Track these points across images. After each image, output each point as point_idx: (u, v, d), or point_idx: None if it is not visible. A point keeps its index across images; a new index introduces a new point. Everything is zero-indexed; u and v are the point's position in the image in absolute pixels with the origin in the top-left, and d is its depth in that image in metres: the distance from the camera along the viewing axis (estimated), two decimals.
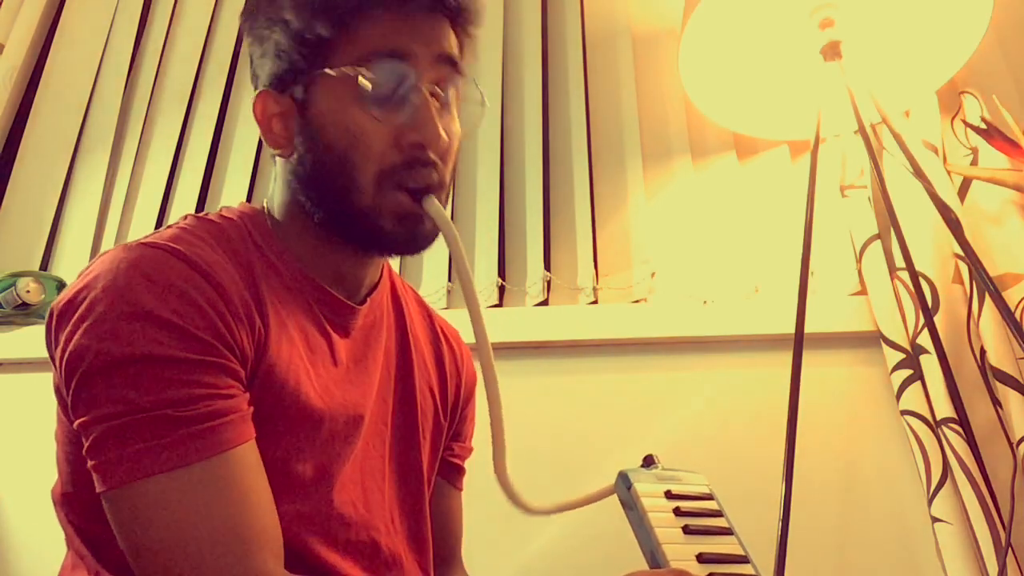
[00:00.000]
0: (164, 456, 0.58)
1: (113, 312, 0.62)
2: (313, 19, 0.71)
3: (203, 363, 0.62)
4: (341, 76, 0.70)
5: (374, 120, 0.71)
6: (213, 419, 0.61)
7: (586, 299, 1.52)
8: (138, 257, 0.65)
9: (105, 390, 0.60)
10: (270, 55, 0.74)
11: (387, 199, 0.72)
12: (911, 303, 1.34)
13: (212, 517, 0.58)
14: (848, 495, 1.33)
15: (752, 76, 1.50)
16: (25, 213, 1.71)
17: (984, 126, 1.39)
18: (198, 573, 0.57)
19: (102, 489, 0.60)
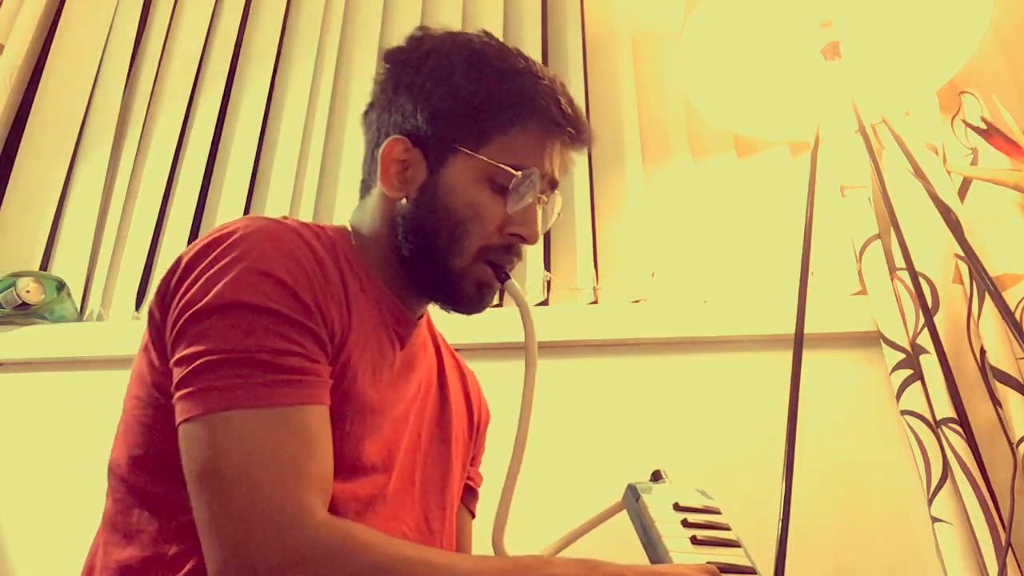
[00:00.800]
0: (253, 394, 0.66)
1: (236, 264, 0.71)
2: (480, 98, 0.84)
3: (302, 325, 0.70)
4: (488, 165, 0.84)
5: (496, 202, 0.84)
6: (299, 374, 0.68)
7: (586, 299, 1.52)
8: (267, 225, 0.75)
9: (214, 327, 0.68)
10: (423, 110, 0.85)
11: (477, 268, 0.85)
12: (911, 303, 1.34)
13: (278, 454, 0.65)
14: (848, 495, 1.32)
15: (752, 76, 1.50)
16: (25, 213, 1.71)
17: (984, 126, 1.39)
18: (253, 497, 0.63)
19: (187, 416, 0.66)
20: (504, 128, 0.85)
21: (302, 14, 1.87)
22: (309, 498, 0.64)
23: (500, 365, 1.13)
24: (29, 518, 1.42)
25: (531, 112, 0.85)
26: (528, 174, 0.84)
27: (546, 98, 0.86)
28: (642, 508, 0.80)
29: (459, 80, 0.85)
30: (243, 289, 0.69)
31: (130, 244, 1.67)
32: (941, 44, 1.42)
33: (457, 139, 0.84)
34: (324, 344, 0.72)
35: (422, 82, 0.86)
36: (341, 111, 1.77)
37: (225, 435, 0.65)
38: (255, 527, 0.62)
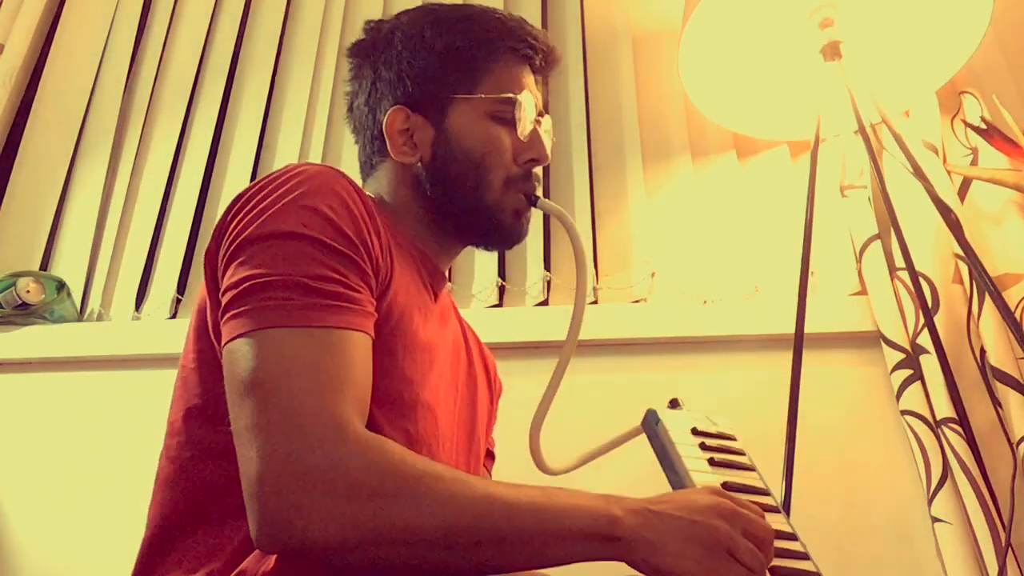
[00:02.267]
0: (294, 314, 0.68)
1: (284, 199, 0.74)
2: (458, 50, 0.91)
3: (343, 255, 0.73)
4: (485, 101, 0.90)
5: (506, 135, 0.91)
6: (338, 300, 0.71)
7: (586, 299, 1.52)
8: (319, 168, 0.79)
9: (261, 253, 0.71)
10: (409, 76, 0.92)
11: (509, 198, 0.90)
12: (911, 303, 1.34)
13: (318, 371, 0.67)
14: (848, 495, 1.32)
15: (752, 76, 1.50)
16: (25, 213, 1.71)
17: (984, 126, 1.39)
18: (292, 407, 0.64)
19: (232, 336, 0.69)
20: (488, 66, 0.92)
21: (302, 14, 1.87)
22: (347, 412, 0.66)
23: (500, 365, 1.13)
24: (30, 518, 1.42)
25: (505, 44, 0.93)
26: (527, 99, 0.91)
27: (514, 29, 0.94)
28: (661, 431, 0.82)
29: (431, 39, 0.92)
30: (289, 220, 0.73)
31: (130, 244, 1.67)
32: (941, 44, 1.42)
33: (450, 89, 0.91)
34: (367, 276, 0.75)
35: (398, 54, 0.93)
36: (341, 111, 1.76)
37: (267, 350, 0.67)
38: (293, 435, 0.63)
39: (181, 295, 1.63)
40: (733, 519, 0.68)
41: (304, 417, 0.64)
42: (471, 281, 1.56)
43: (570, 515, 0.66)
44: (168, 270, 1.64)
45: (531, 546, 0.66)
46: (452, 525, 0.64)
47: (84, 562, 1.39)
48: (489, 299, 1.53)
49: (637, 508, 0.68)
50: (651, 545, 0.66)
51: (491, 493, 0.66)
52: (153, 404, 1.48)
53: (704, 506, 0.69)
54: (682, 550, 0.66)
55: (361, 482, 0.63)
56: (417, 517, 0.63)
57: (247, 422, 0.65)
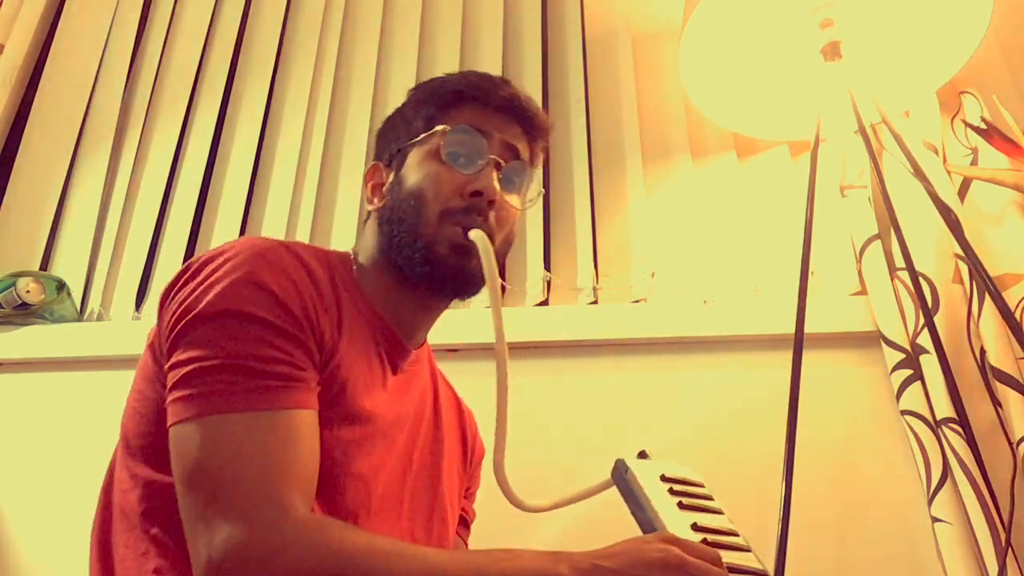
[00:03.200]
0: (239, 399, 0.69)
1: (230, 276, 0.75)
2: (420, 106, 0.94)
3: (289, 334, 0.74)
4: (428, 140, 0.91)
5: (448, 170, 0.89)
6: (285, 380, 0.72)
7: (586, 299, 1.52)
8: (261, 243, 0.80)
9: (207, 334, 0.72)
10: (388, 139, 0.97)
11: (445, 231, 0.87)
12: (911, 303, 1.34)
13: (262, 456, 0.68)
14: (848, 495, 1.32)
15: (752, 76, 1.50)
16: (25, 213, 1.71)
17: (984, 126, 1.39)
18: (236, 495, 0.66)
19: (178, 419, 0.70)
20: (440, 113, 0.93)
21: (302, 15, 1.87)
22: (290, 496, 0.67)
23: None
24: (30, 518, 1.42)
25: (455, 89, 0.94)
26: (461, 132, 0.90)
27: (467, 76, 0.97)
28: (631, 478, 0.84)
29: (403, 107, 0.98)
30: (235, 298, 0.73)
31: (130, 244, 1.67)
32: (941, 44, 1.42)
33: (406, 139, 0.94)
34: (312, 353, 0.76)
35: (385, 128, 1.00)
36: (341, 111, 1.77)
37: (213, 437, 0.68)
38: (236, 524, 0.65)
39: None
40: (680, 569, 0.69)
41: (247, 506, 0.66)
42: None
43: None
44: (168, 270, 1.64)
45: None
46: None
47: (84, 562, 1.39)
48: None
49: (584, 566, 0.69)
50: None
51: (433, 566, 0.68)
52: None
53: (651, 560, 0.69)
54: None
55: (303, 566, 0.65)
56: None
57: (193, 513, 0.67)
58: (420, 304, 0.93)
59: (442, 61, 1.77)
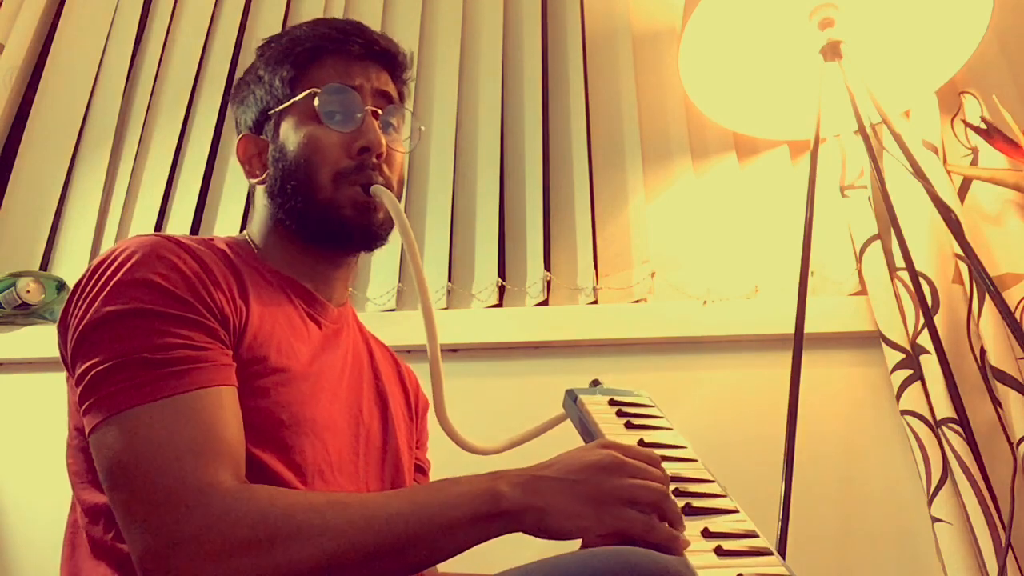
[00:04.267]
0: (140, 392, 0.69)
1: (112, 279, 0.74)
2: (278, 67, 0.91)
3: (180, 318, 0.73)
4: (300, 103, 0.89)
5: (328, 131, 0.88)
6: (184, 364, 0.71)
7: (586, 299, 1.52)
8: (136, 240, 0.78)
9: (98, 340, 0.72)
10: (248, 105, 0.94)
11: (343, 192, 0.87)
12: (911, 303, 1.34)
13: (176, 439, 0.68)
14: (848, 495, 1.32)
15: (752, 76, 1.50)
16: (25, 213, 1.71)
17: (984, 126, 1.39)
18: (156, 486, 0.66)
19: (90, 428, 0.70)
20: (303, 72, 0.91)
21: (302, 14, 1.87)
22: (211, 473, 0.67)
23: (500, 365, 1.12)
24: (29, 518, 1.42)
25: (311, 45, 0.91)
26: (333, 90, 0.89)
27: (317, 29, 0.93)
28: (580, 405, 0.85)
29: (255, 67, 0.95)
30: (119, 299, 0.73)
31: None
32: (941, 44, 1.42)
33: (273, 104, 0.91)
34: (214, 331, 0.75)
35: (244, 94, 0.96)
36: None
37: (121, 435, 0.68)
38: (161, 511, 0.65)
39: None
40: (619, 469, 0.69)
41: (168, 490, 0.66)
42: (471, 281, 1.56)
43: (454, 504, 0.68)
44: None
45: (423, 546, 0.67)
46: (335, 551, 0.65)
47: None
48: (489, 299, 1.53)
49: (521, 479, 0.69)
50: (540, 511, 0.67)
51: (369, 509, 0.68)
52: None
53: (589, 463, 0.70)
54: (573, 509, 0.67)
55: (234, 537, 0.64)
56: (299, 553, 0.64)
57: (122, 511, 0.67)
58: (329, 261, 0.93)
59: (442, 61, 1.77)
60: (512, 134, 1.70)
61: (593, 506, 0.67)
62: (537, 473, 0.70)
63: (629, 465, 0.70)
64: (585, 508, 0.67)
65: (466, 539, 0.68)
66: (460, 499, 0.68)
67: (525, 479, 0.69)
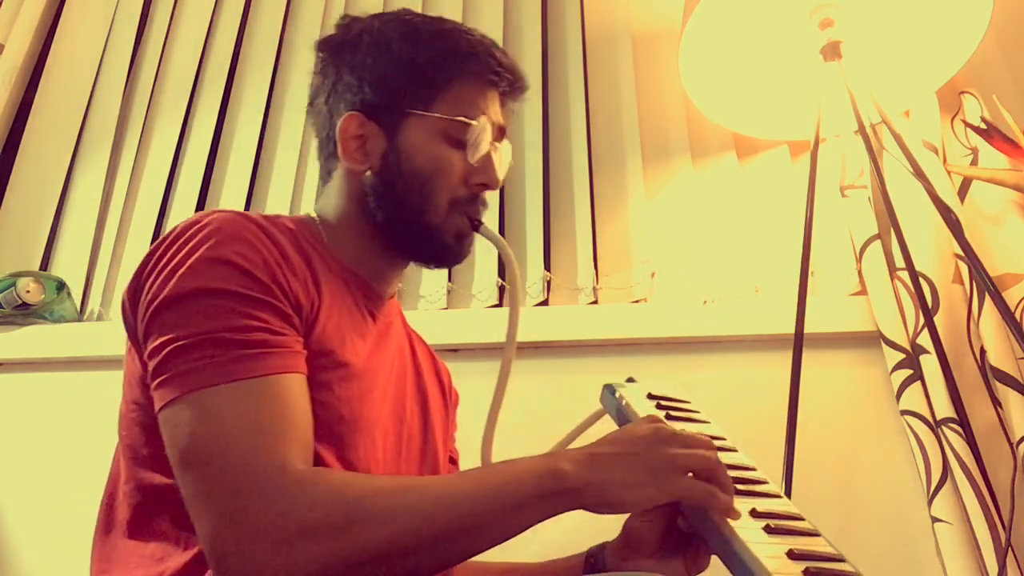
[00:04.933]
0: (218, 371, 0.68)
1: (193, 254, 0.74)
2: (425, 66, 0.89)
3: (260, 301, 0.73)
4: (440, 121, 0.88)
5: (457, 157, 0.89)
6: (262, 347, 0.71)
7: (586, 299, 1.52)
8: (222, 215, 0.78)
9: (178, 315, 0.71)
10: (369, 83, 0.90)
11: (452, 220, 0.89)
12: (911, 303, 1.34)
13: (250, 424, 0.67)
14: (848, 495, 1.32)
15: (752, 76, 1.50)
16: (25, 213, 1.71)
17: (984, 126, 1.39)
18: (231, 466, 0.66)
19: (163, 403, 0.69)
20: (447, 84, 0.89)
21: (302, 14, 1.87)
22: (284, 456, 0.67)
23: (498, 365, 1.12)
24: (29, 518, 1.42)
25: (468, 65, 0.91)
26: (483, 123, 0.89)
27: (480, 51, 0.92)
28: (619, 399, 0.86)
29: (397, 48, 0.90)
30: (200, 277, 0.72)
31: (130, 244, 1.67)
32: (941, 44, 1.42)
33: (407, 103, 0.89)
34: (289, 317, 0.75)
35: (363, 58, 0.91)
36: None
37: (197, 414, 0.68)
38: (235, 494, 0.65)
39: None
40: (669, 440, 0.72)
41: (243, 474, 0.65)
42: (471, 281, 1.56)
43: (519, 483, 0.69)
44: None
45: (489, 526, 0.68)
46: (407, 534, 0.66)
47: (83, 562, 1.39)
48: (489, 299, 1.53)
49: (580, 457, 0.71)
50: (602, 486, 0.69)
51: (438, 492, 0.69)
52: None
53: (641, 435, 0.72)
54: (633, 480, 0.69)
55: (309, 521, 0.64)
56: (372, 537, 0.65)
57: (193, 490, 0.67)
58: (396, 264, 0.94)
59: None
60: (512, 134, 1.69)
61: (652, 476, 0.70)
62: (593, 450, 0.72)
63: (680, 436, 0.73)
64: (644, 478, 0.70)
65: (531, 517, 0.69)
66: (524, 479, 0.69)
67: (584, 456, 0.71)
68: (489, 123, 0.90)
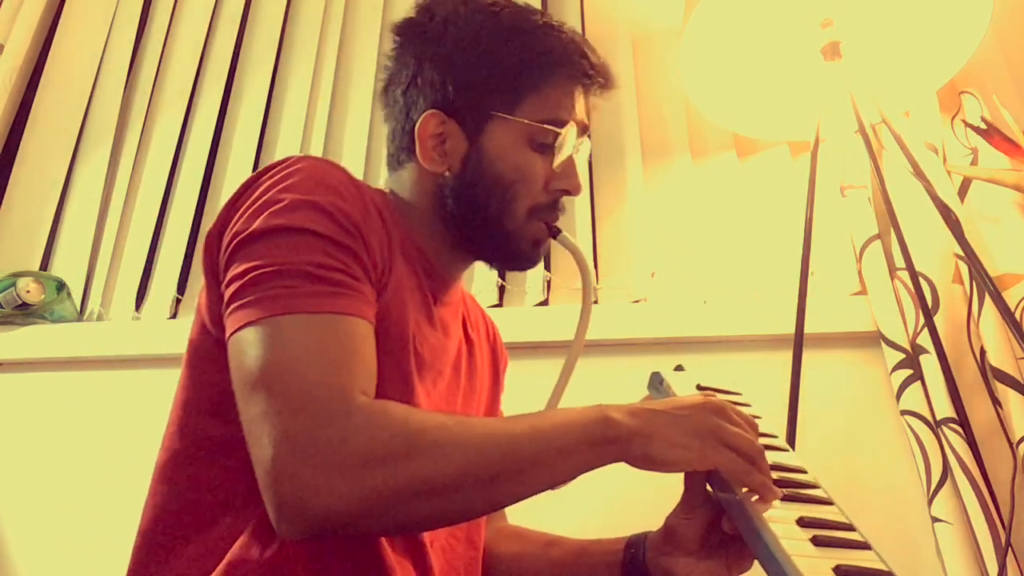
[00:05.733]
0: (299, 302, 0.69)
1: (285, 195, 0.75)
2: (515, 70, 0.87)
3: (343, 246, 0.73)
4: (526, 126, 0.86)
5: (541, 163, 0.87)
6: (342, 287, 0.71)
7: None
8: (317, 162, 0.79)
9: (263, 247, 0.72)
10: (453, 81, 0.87)
11: (530, 226, 0.88)
12: (911, 303, 1.34)
13: (325, 354, 0.67)
14: (848, 495, 1.31)
15: (752, 76, 1.50)
16: (25, 213, 1.71)
17: (984, 126, 1.39)
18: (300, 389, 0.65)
19: (238, 325, 0.69)
20: (536, 86, 0.87)
21: (302, 14, 1.87)
22: (352, 387, 0.67)
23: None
24: (29, 518, 1.42)
25: (560, 67, 0.88)
26: (570, 129, 0.87)
27: (572, 51, 0.89)
28: (667, 389, 0.86)
29: (486, 47, 0.87)
30: (288, 215, 0.73)
31: (130, 244, 1.67)
32: (941, 44, 1.42)
33: (492, 105, 0.87)
34: (367, 269, 0.75)
35: (447, 53, 0.88)
36: (341, 110, 1.77)
37: (275, 338, 0.68)
38: (301, 416, 0.64)
39: (181, 295, 1.63)
40: (720, 412, 0.74)
41: (311, 398, 0.65)
42: (471, 281, 1.56)
43: (570, 428, 0.70)
44: (168, 270, 1.64)
45: (540, 468, 0.69)
46: (463, 469, 0.66)
47: (83, 562, 1.39)
48: (489, 299, 1.53)
49: (630, 409, 0.73)
50: (646, 438, 0.71)
51: (493, 430, 0.70)
52: (153, 404, 1.48)
53: (693, 403, 0.75)
54: (678, 439, 0.71)
55: (372, 449, 0.64)
56: (431, 469, 0.65)
57: (258, 410, 0.66)
58: (463, 256, 0.93)
59: None
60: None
61: (697, 440, 0.72)
62: (644, 405, 0.74)
63: (731, 411, 0.75)
64: (688, 440, 0.71)
65: (580, 464, 0.70)
66: (574, 424, 0.71)
67: (634, 409, 0.73)
68: (575, 125, 0.88)
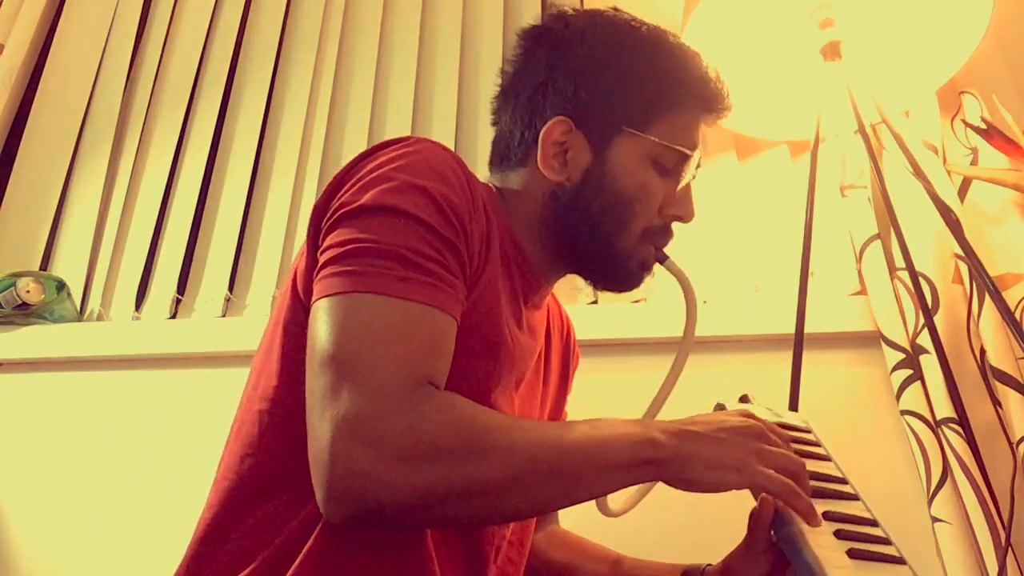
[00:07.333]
0: (392, 284, 0.68)
1: (396, 175, 0.74)
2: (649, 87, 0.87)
3: (444, 237, 0.72)
4: (654, 145, 0.86)
5: (662, 185, 0.87)
6: (436, 279, 0.70)
7: (586, 299, 1.52)
8: (432, 147, 0.78)
9: (366, 222, 0.71)
10: (587, 92, 0.87)
11: (641, 248, 0.88)
12: (911, 303, 1.34)
13: (405, 340, 0.66)
14: None
15: (752, 76, 1.50)
16: (25, 213, 1.71)
17: (984, 126, 1.39)
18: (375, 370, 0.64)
19: (326, 293, 0.68)
20: (670, 107, 0.87)
21: (302, 14, 1.87)
22: (427, 376, 0.66)
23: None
24: (30, 518, 1.42)
25: (694, 93, 0.88)
26: (687, 155, 0.87)
27: (705, 79, 0.89)
28: None
29: (627, 62, 0.88)
30: (396, 196, 0.72)
31: (130, 244, 1.67)
32: (941, 44, 1.42)
33: (623, 120, 0.86)
34: (464, 264, 0.74)
35: (583, 65, 0.88)
36: (341, 111, 1.77)
37: (358, 314, 0.67)
38: (369, 399, 0.63)
39: (181, 295, 1.63)
40: (762, 435, 0.74)
41: (383, 382, 0.64)
42: None
43: (617, 445, 0.70)
44: (168, 270, 1.64)
45: (586, 479, 0.69)
46: (518, 472, 0.66)
47: (84, 562, 1.39)
48: None
49: (673, 430, 0.72)
50: (687, 459, 0.71)
51: (549, 437, 0.69)
52: (153, 404, 1.49)
53: (733, 425, 0.74)
54: (716, 462, 0.71)
55: (436, 444, 0.63)
56: (488, 471, 0.65)
57: (325, 384, 0.64)
58: (562, 266, 0.92)
59: (442, 61, 1.77)
60: None
61: (737, 461, 0.71)
62: (685, 426, 0.73)
63: (771, 435, 0.75)
64: (728, 461, 0.71)
65: (620, 481, 0.71)
66: (624, 440, 0.70)
67: (676, 429, 0.73)
68: (700, 154, 0.88)
